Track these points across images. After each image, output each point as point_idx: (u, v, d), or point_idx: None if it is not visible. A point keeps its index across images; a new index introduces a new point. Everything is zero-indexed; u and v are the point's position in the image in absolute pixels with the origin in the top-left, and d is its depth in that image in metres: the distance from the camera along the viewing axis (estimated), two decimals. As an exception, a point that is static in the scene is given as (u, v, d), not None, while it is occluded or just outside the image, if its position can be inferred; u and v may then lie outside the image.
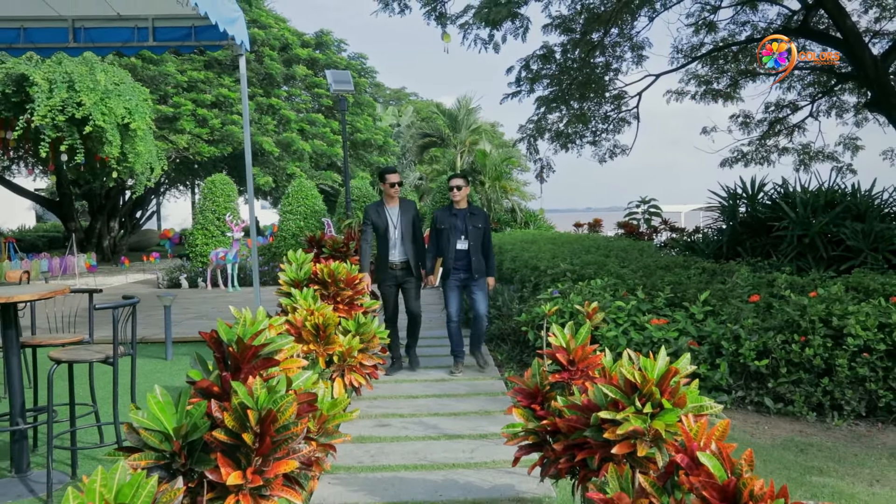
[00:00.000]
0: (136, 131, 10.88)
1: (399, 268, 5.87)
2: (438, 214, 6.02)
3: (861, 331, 4.72)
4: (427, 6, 7.69)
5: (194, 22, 6.31)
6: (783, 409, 4.94)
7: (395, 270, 5.87)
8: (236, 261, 12.77)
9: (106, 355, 3.59)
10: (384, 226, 5.82)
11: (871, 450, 4.26)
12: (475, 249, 5.84)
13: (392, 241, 5.82)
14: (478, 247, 5.87)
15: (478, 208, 6.21)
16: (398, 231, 5.83)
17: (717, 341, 5.16)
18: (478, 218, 5.96)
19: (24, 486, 3.57)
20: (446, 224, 5.89)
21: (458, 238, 5.84)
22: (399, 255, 5.84)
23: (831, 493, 3.59)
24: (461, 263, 5.86)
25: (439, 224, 5.94)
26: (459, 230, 5.85)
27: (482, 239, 5.92)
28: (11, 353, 3.59)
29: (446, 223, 5.89)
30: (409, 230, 5.85)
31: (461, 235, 5.84)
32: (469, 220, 5.88)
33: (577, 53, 9.26)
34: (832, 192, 7.50)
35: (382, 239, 5.85)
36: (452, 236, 5.83)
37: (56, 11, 6.11)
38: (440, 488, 3.45)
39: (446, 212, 6.00)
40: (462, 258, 5.85)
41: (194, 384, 2.14)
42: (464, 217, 5.89)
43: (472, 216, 5.93)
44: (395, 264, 5.85)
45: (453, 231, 5.84)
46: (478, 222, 5.91)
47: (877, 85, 7.61)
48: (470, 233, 5.82)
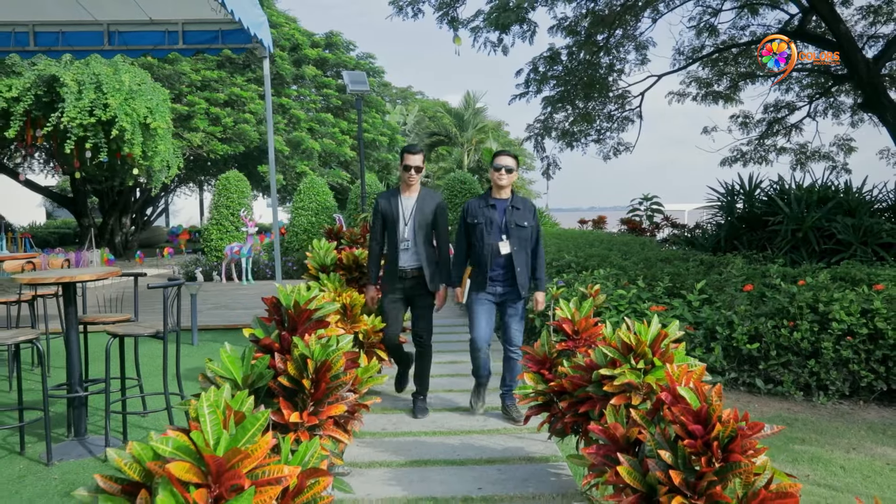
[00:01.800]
0: (156, 130, 11.32)
1: (409, 276, 4.44)
2: (471, 205, 4.49)
3: (845, 316, 5.09)
4: (440, 10, 8.13)
5: (221, 26, 6.72)
6: (773, 389, 5.31)
7: (405, 279, 4.45)
8: (250, 255, 13.18)
9: (156, 330, 3.98)
10: (393, 218, 4.47)
11: (851, 424, 4.62)
12: (519, 255, 4.32)
13: (401, 239, 4.43)
14: (523, 252, 4.35)
15: (524, 199, 4.54)
16: (410, 227, 4.44)
17: (712, 326, 5.53)
18: (524, 213, 4.39)
19: (84, 447, 3.97)
20: (480, 218, 4.37)
21: (496, 238, 4.32)
22: (409, 258, 4.45)
23: (810, 457, 3.96)
24: (499, 274, 4.34)
25: (471, 217, 4.43)
26: (498, 227, 4.34)
27: (530, 241, 4.41)
28: (71, 327, 3.99)
29: (480, 217, 4.38)
30: (425, 227, 4.48)
31: (501, 235, 4.32)
32: (512, 215, 4.36)
33: (582, 55, 9.66)
34: (825, 189, 7.86)
35: (390, 234, 4.51)
36: (488, 235, 4.32)
37: (92, 16, 6.52)
38: (457, 450, 3.84)
39: (481, 201, 4.46)
40: (500, 267, 4.34)
41: (258, 341, 2.53)
42: (504, 210, 4.36)
43: (516, 211, 4.37)
44: (404, 271, 4.44)
45: (489, 228, 4.33)
46: (524, 218, 4.37)
47: (869, 86, 7.97)
48: (512, 232, 4.33)
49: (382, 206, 4.52)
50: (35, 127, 10.68)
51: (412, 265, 4.44)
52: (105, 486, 1.59)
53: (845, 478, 3.68)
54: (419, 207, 4.48)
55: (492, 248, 4.31)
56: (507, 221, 4.33)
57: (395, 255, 4.45)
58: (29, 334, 3.84)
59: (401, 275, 4.43)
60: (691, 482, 1.85)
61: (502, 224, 4.34)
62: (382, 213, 4.52)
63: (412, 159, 4.46)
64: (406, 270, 4.43)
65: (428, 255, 4.46)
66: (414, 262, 4.44)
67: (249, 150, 19.06)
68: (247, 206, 14.56)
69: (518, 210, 4.38)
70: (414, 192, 4.55)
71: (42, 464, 3.78)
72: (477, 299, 4.40)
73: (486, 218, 4.36)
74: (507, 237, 4.32)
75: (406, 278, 4.44)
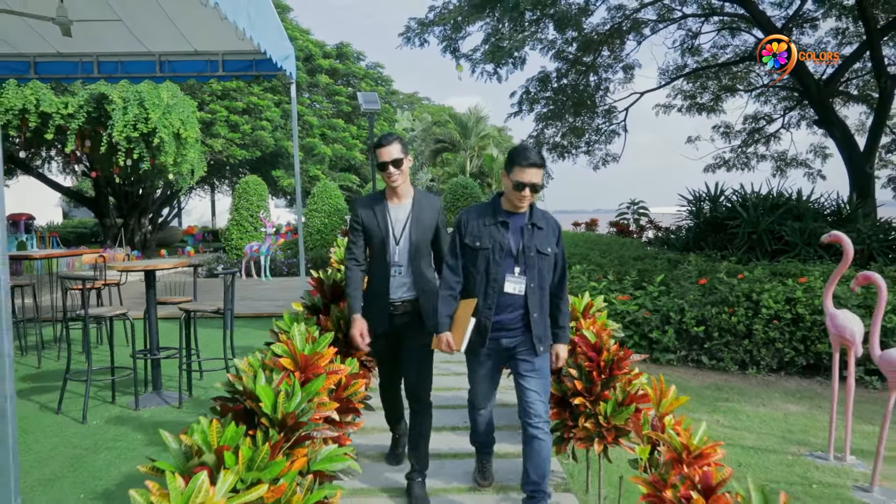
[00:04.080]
0: (186, 140, 12.54)
1: (401, 310, 3.29)
2: (471, 218, 3.11)
3: (773, 304, 6.19)
4: (443, 42, 9.31)
5: (255, 56, 7.86)
6: (715, 364, 6.41)
7: (395, 314, 3.29)
8: (269, 253, 14.35)
9: (217, 307, 5.13)
10: (379, 233, 3.27)
11: (771, 390, 5.73)
12: (537, 296, 3.01)
13: (392, 263, 3.26)
14: (542, 291, 3.03)
15: (546, 214, 3.14)
16: (405, 247, 3.27)
17: (667, 313, 6.64)
18: (547, 235, 3.05)
19: (161, 398, 5.12)
20: (485, 241, 3.02)
21: (505, 269, 3.00)
22: (403, 288, 3.29)
23: (727, 409, 5.07)
24: (506, 320, 3.02)
25: (470, 238, 3.06)
26: (510, 255, 3.00)
27: (553, 275, 3.08)
28: (152, 305, 5.14)
29: (485, 239, 3.03)
30: (424, 245, 3.31)
31: (511, 265, 3.00)
32: (532, 239, 3.01)
33: (570, 77, 10.80)
34: (779, 197, 8.95)
35: (377, 256, 3.31)
36: (495, 266, 3.00)
37: (147, 48, 7.68)
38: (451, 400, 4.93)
39: (486, 216, 3.08)
40: (511, 309, 3.01)
41: (309, 307, 3.67)
42: (522, 230, 3.02)
43: (537, 232, 3.03)
44: (394, 303, 3.28)
45: (498, 256, 3.00)
46: (546, 243, 3.04)
47: (820, 106, 9.04)
48: (531, 263, 2.99)
49: (365, 219, 3.28)
50: (83, 139, 11.96)
51: (404, 295, 3.27)
52: (222, 405, 2.60)
53: (747, 421, 4.79)
54: (416, 218, 3.26)
55: (498, 282, 2.97)
56: (524, 247, 2.97)
57: (382, 283, 3.26)
58: (120, 310, 5.00)
59: (391, 308, 3.26)
60: (588, 388, 2.98)
61: (517, 251, 2.98)
62: (364, 228, 3.29)
63: (385, 152, 3.19)
64: (397, 302, 3.26)
65: (427, 283, 3.29)
66: (407, 290, 3.27)
67: (264, 155, 20.26)
68: (265, 208, 15.76)
69: (540, 231, 3.02)
70: (405, 198, 3.30)
71: (131, 409, 4.93)
72: (478, 354, 3.10)
73: (494, 241, 2.99)
74: (523, 270, 2.97)
75: (397, 313, 3.27)
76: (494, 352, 3.07)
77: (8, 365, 2.34)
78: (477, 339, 3.01)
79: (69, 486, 3.55)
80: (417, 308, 3.28)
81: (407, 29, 9.73)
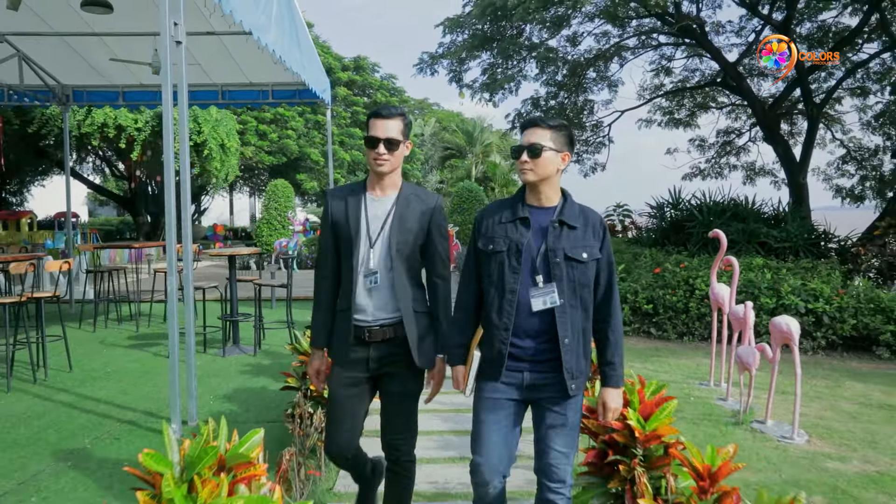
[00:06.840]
0: (229, 149, 14.51)
1: (377, 338, 2.47)
2: (487, 216, 2.42)
3: (703, 286, 7.98)
4: (450, 73, 11.21)
5: (298, 87, 9.74)
6: (661, 335, 8.20)
7: (369, 344, 2.48)
8: (296, 249, 16.27)
9: (281, 283, 7.00)
10: (348, 231, 2.48)
11: (697, 351, 7.51)
12: (568, 315, 2.27)
13: (361, 267, 2.46)
14: (578, 310, 2.29)
15: (585, 209, 2.37)
16: (381, 249, 2.46)
17: (624, 294, 8.43)
18: (583, 235, 2.30)
19: (240, 350, 6.98)
20: (500, 242, 2.33)
21: (525, 278, 2.28)
22: (378, 306, 2.47)
23: (656, 360, 6.86)
24: (528, 348, 2.29)
25: (484, 240, 2.38)
26: (531, 260, 2.29)
27: (592, 289, 2.32)
28: (233, 281, 7.00)
29: (500, 239, 2.33)
30: (408, 250, 2.49)
31: (534, 275, 2.27)
32: (560, 239, 2.28)
33: (560, 98, 12.64)
34: (729, 202, 10.73)
35: (346, 263, 2.50)
36: (511, 275, 2.28)
37: (211, 80, 9.57)
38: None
39: (505, 210, 2.38)
40: (532, 335, 2.29)
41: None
42: (544, 229, 2.30)
43: (569, 232, 2.29)
44: (367, 329, 2.47)
45: (514, 261, 2.29)
46: (579, 246, 2.29)
47: (765, 126, 10.76)
48: (557, 270, 2.26)
49: (334, 211, 2.53)
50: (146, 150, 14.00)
51: (383, 319, 2.47)
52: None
53: (667, 367, 6.60)
54: (398, 214, 2.49)
55: (515, 295, 2.27)
56: (547, 251, 2.27)
57: (351, 298, 2.47)
58: (214, 282, 6.88)
59: (360, 335, 2.47)
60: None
61: (538, 254, 2.28)
62: (333, 222, 2.53)
63: (380, 125, 2.45)
64: (372, 328, 2.47)
65: (413, 302, 2.50)
66: (386, 313, 2.47)
67: (289, 160, 22.21)
68: (292, 208, 17.69)
69: (573, 231, 2.29)
70: (390, 190, 2.54)
71: (219, 356, 6.79)
72: (486, 395, 2.35)
73: (510, 242, 2.30)
74: (548, 279, 2.26)
75: (370, 342, 2.47)
76: (512, 388, 2.29)
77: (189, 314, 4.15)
78: (494, 368, 2.29)
79: (203, 392, 5.43)
80: (400, 337, 2.45)
81: (420, 61, 11.71)
